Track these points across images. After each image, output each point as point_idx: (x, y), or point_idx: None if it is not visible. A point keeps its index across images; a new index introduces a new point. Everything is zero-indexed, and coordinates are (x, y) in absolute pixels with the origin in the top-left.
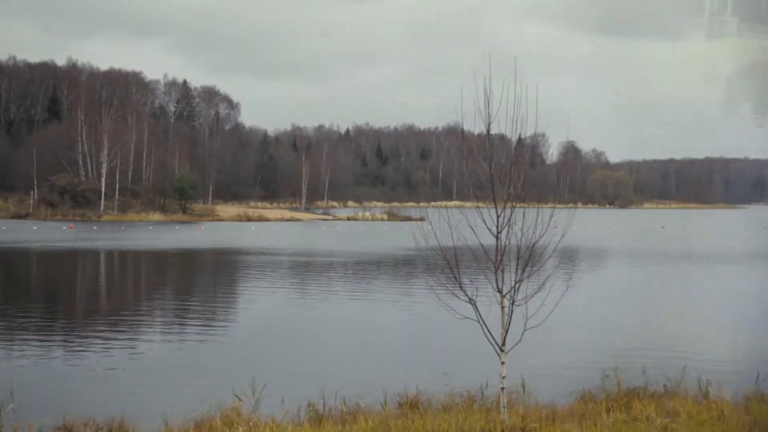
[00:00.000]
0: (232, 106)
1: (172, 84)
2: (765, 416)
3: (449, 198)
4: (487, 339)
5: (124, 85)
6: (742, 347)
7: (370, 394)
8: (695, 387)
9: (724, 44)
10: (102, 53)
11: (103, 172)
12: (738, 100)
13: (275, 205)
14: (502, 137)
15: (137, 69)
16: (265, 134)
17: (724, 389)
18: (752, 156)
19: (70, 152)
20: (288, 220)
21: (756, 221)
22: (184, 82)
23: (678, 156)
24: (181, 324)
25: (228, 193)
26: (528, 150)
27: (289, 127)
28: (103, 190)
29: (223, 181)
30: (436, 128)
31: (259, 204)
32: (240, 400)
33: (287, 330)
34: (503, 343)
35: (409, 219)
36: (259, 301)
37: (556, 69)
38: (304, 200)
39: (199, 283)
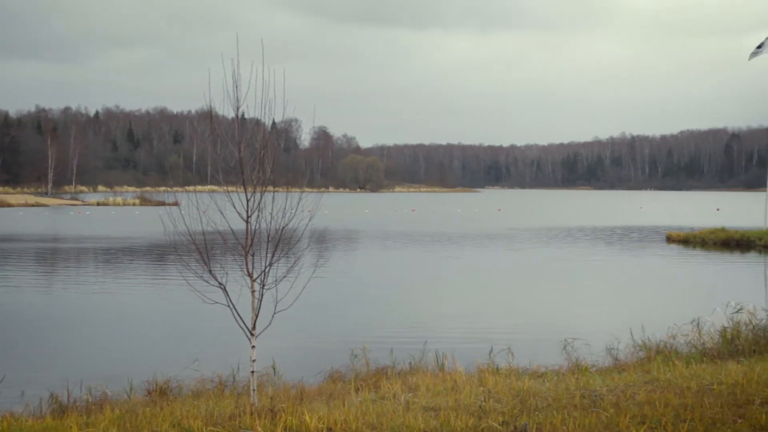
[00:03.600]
0: None
1: None
2: (497, 387)
3: (204, 182)
4: (238, 323)
5: None
6: (479, 323)
7: (119, 383)
8: (434, 361)
9: (468, 36)
10: None
11: None
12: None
13: (18, 190)
14: (257, 122)
15: None
16: (6, 115)
17: (458, 362)
18: (486, 143)
19: None
20: (33, 205)
21: (492, 203)
22: None
23: (426, 141)
24: None
25: None
26: (282, 135)
27: (33, 109)
28: None
29: None
30: (190, 112)
31: (0, 189)
32: None
33: (29, 320)
34: (253, 327)
35: (162, 204)
36: None
37: (306, 56)
38: (50, 185)
39: None
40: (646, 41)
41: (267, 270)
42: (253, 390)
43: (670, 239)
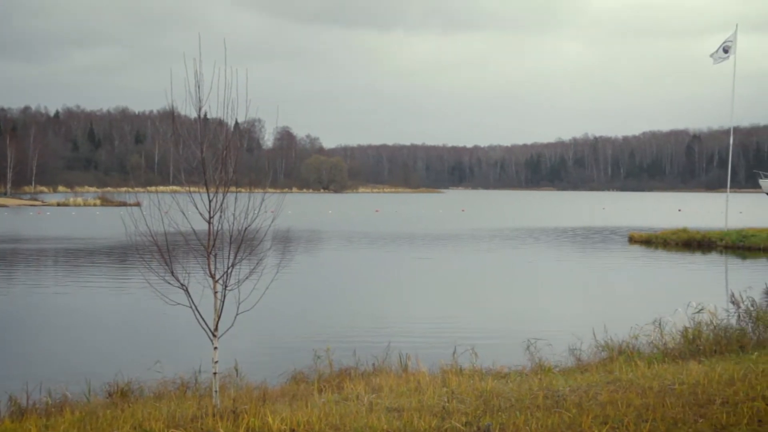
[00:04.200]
0: None
1: None
2: (460, 388)
3: (166, 183)
4: (200, 325)
5: None
6: (443, 324)
7: (79, 385)
8: (397, 362)
9: (432, 37)
10: None
11: None
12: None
13: None
14: (219, 122)
15: None
16: None
17: (422, 363)
18: (450, 143)
19: None
20: None
21: (455, 204)
22: None
23: (390, 142)
24: None
25: None
26: (245, 135)
27: None
28: None
29: None
30: (152, 112)
31: None
32: None
33: None
34: (216, 328)
35: (123, 204)
36: None
37: (268, 56)
38: (9, 185)
39: None
40: (609, 43)
41: (230, 271)
42: (216, 391)
43: (632, 240)
